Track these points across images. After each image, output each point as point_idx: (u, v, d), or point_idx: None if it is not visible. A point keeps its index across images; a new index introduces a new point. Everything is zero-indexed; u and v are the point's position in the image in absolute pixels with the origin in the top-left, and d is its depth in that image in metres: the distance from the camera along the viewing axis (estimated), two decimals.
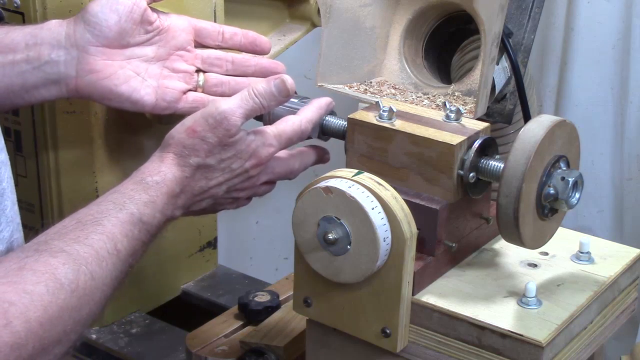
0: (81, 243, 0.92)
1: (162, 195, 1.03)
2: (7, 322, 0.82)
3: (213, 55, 1.20)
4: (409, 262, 0.95)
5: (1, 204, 0.90)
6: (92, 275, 0.91)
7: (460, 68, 1.24)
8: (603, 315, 1.02)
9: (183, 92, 1.18)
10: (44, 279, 0.86)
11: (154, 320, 1.39)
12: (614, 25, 1.97)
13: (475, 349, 0.95)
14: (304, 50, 1.63)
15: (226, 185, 1.09)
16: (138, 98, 1.16)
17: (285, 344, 1.18)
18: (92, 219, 0.96)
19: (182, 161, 1.06)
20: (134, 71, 1.16)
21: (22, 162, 1.31)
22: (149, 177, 1.04)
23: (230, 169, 1.08)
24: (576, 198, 0.97)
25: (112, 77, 1.14)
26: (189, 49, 1.19)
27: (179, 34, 1.19)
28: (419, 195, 1.00)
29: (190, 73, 1.19)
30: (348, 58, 1.20)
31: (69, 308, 0.88)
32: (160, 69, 1.17)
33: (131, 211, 0.99)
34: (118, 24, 1.13)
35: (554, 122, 0.95)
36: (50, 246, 0.90)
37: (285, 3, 1.54)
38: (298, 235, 0.99)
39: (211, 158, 1.07)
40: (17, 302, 0.83)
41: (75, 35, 1.13)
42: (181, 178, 1.05)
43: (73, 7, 1.22)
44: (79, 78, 1.13)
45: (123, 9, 1.13)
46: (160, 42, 1.17)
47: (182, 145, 1.06)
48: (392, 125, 1.02)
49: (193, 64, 1.20)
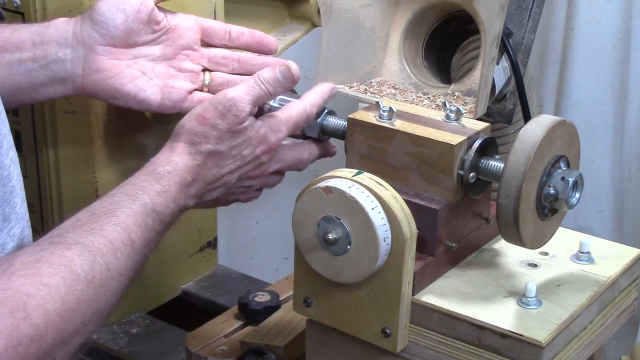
0: (95, 234, 0.93)
1: (174, 185, 1.04)
2: (26, 315, 0.83)
3: (219, 55, 1.21)
4: (409, 262, 0.95)
5: (11, 201, 0.90)
6: (108, 265, 0.92)
7: (460, 68, 1.24)
8: (603, 315, 1.02)
9: (189, 92, 1.18)
10: (61, 271, 0.87)
11: (154, 320, 1.39)
12: (614, 25, 1.97)
13: (475, 349, 0.95)
14: (304, 50, 1.63)
15: (238, 173, 1.09)
16: (144, 97, 1.16)
17: (285, 344, 1.18)
18: (106, 210, 0.97)
19: (194, 149, 1.06)
20: (140, 70, 1.16)
21: (22, 162, 1.30)
22: (161, 167, 1.04)
23: (241, 155, 1.08)
24: (576, 198, 0.97)
25: (119, 76, 1.15)
26: (195, 48, 1.20)
27: (186, 33, 1.19)
28: (419, 195, 1.00)
29: (197, 72, 1.20)
30: (348, 58, 1.20)
31: (87, 299, 0.88)
32: (166, 68, 1.18)
33: (144, 202, 1.00)
34: (125, 23, 1.13)
35: (554, 122, 0.95)
36: (65, 238, 0.91)
37: (285, 3, 1.54)
38: (298, 235, 0.99)
39: (222, 145, 1.07)
40: (35, 294, 0.84)
41: (82, 33, 1.13)
42: (193, 166, 1.06)
43: (73, 7, 1.22)
44: (86, 76, 1.13)
45: (130, 9, 1.13)
46: (167, 42, 1.18)
47: (192, 133, 1.07)
48: (392, 125, 1.02)
49: (199, 63, 1.20)
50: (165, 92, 1.17)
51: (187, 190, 1.05)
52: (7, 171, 0.90)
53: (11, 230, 0.90)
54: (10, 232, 0.90)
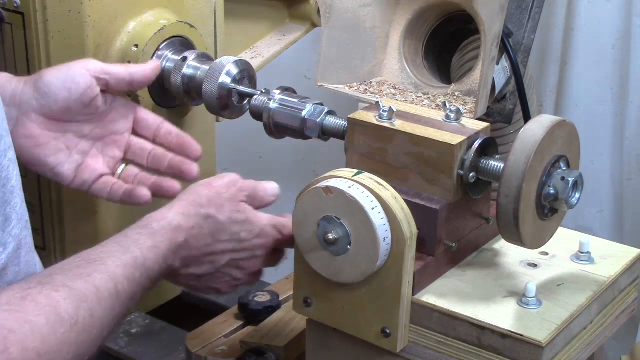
0: (84, 280, 0.93)
1: (166, 241, 1.03)
2: (4, 349, 0.83)
3: (137, 146, 1.22)
4: (409, 262, 0.95)
5: (12, 202, 0.90)
6: (92, 312, 0.91)
7: (460, 68, 1.24)
8: (603, 315, 1.02)
9: (100, 175, 1.20)
10: (46, 312, 0.87)
11: (154, 320, 1.39)
12: (614, 25, 1.97)
13: (475, 349, 0.95)
14: (304, 50, 1.63)
15: (230, 256, 1.09)
16: (60, 172, 1.18)
17: (285, 344, 1.18)
18: (97, 257, 0.97)
19: (192, 210, 1.06)
20: (65, 144, 1.17)
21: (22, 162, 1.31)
22: (155, 223, 1.04)
23: (238, 238, 1.08)
24: (576, 198, 0.97)
25: (44, 146, 1.16)
26: (124, 135, 1.21)
27: (119, 119, 1.20)
28: (419, 195, 1.00)
29: (116, 160, 1.21)
30: (348, 58, 1.20)
31: (68, 343, 0.88)
32: (90, 147, 1.19)
33: (135, 255, 0.99)
34: (66, 101, 1.14)
35: (554, 122, 0.95)
36: (54, 280, 0.91)
37: (285, 3, 1.55)
38: (298, 235, 0.99)
39: (222, 214, 1.07)
40: (17, 330, 0.84)
41: (21, 97, 1.14)
42: (186, 228, 1.05)
43: (73, 7, 1.22)
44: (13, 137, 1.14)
45: (76, 89, 1.14)
46: (98, 123, 1.19)
47: (196, 194, 1.07)
48: (392, 125, 1.02)
49: (122, 151, 1.21)
50: (80, 170, 1.19)
51: (177, 249, 1.04)
52: (6, 172, 0.90)
53: (12, 231, 0.90)
54: (11, 232, 0.90)
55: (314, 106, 1.17)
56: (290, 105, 1.18)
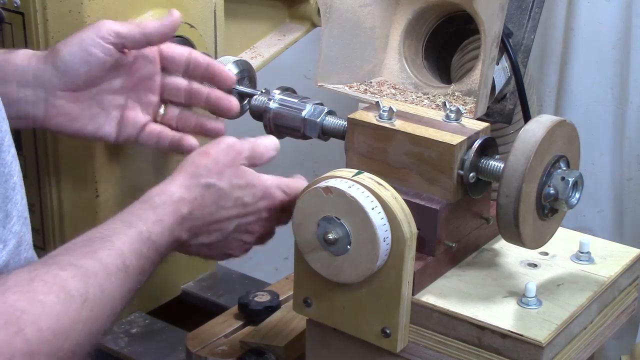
0: (89, 257, 0.93)
1: (169, 214, 1.03)
2: (19, 329, 0.82)
3: (172, 85, 1.20)
4: (409, 262, 0.95)
5: (13, 198, 0.90)
6: (102, 288, 0.91)
7: (460, 68, 1.24)
8: (603, 315, 1.02)
9: (143, 125, 1.19)
10: (55, 290, 0.87)
11: (154, 320, 1.39)
12: (614, 25, 1.97)
13: (475, 349, 0.95)
14: (304, 50, 1.63)
15: (237, 221, 1.08)
16: (102, 134, 1.18)
17: (285, 344, 1.18)
18: (101, 236, 0.97)
19: (193, 181, 1.05)
20: (99, 107, 1.16)
21: (22, 162, 1.30)
22: (157, 197, 1.03)
23: (242, 202, 1.08)
24: (576, 198, 0.97)
25: (80, 118, 1.15)
26: (155, 79, 1.19)
27: (145, 65, 1.18)
28: (419, 195, 1.00)
29: (154, 104, 1.20)
30: (348, 58, 1.20)
31: (81, 320, 0.88)
32: (125, 100, 1.18)
33: (140, 229, 0.99)
34: (88, 73, 1.13)
35: (554, 122, 0.95)
36: (59, 260, 0.91)
37: (285, 3, 1.54)
38: (298, 235, 0.99)
39: (223, 181, 1.06)
40: (29, 310, 0.84)
41: (43, 76, 1.13)
42: (189, 199, 1.04)
43: (73, 7, 1.22)
44: (47, 119, 1.14)
45: (95, 61, 1.13)
46: (126, 74, 1.18)
47: (195, 165, 1.06)
48: (392, 125, 1.02)
49: (157, 94, 1.20)
50: (121, 125, 1.18)
51: (182, 221, 1.04)
52: (8, 168, 0.90)
53: (13, 227, 0.90)
54: (12, 228, 0.90)
55: (314, 106, 1.17)
56: (290, 105, 1.18)
